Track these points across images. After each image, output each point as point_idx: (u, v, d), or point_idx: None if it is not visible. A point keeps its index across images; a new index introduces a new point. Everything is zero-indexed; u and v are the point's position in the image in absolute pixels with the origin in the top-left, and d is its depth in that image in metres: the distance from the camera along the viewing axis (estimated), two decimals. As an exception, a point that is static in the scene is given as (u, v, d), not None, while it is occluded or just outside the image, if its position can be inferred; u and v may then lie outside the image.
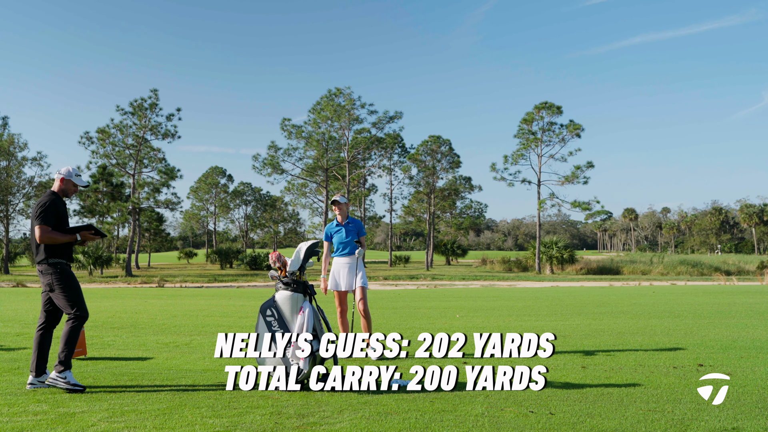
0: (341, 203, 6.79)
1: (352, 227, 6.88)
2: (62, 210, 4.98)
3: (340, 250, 6.85)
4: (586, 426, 3.82)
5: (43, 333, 4.96)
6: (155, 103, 52.72)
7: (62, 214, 4.97)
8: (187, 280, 46.82)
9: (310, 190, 65.52)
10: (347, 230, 6.86)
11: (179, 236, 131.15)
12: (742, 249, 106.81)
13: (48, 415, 3.95)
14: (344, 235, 6.83)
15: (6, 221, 53.74)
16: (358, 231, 6.90)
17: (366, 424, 3.79)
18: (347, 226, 6.89)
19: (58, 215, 4.91)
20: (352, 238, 6.83)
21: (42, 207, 4.86)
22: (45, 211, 4.85)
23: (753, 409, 4.31)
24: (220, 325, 10.59)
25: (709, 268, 54.25)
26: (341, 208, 6.81)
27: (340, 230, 6.87)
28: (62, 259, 4.93)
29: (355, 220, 6.95)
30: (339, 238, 6.85)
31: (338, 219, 6.89)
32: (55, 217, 4.89)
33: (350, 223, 6.91)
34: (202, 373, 5.78)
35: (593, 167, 53.83)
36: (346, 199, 6.87)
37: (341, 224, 6.88)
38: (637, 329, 9.64)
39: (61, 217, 4.95)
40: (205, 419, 3.89)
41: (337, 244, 6.86)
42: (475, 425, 3.81)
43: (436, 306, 16.20)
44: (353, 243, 6.85)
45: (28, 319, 11.49)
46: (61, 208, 4.98)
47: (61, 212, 4.95)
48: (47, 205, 4.89)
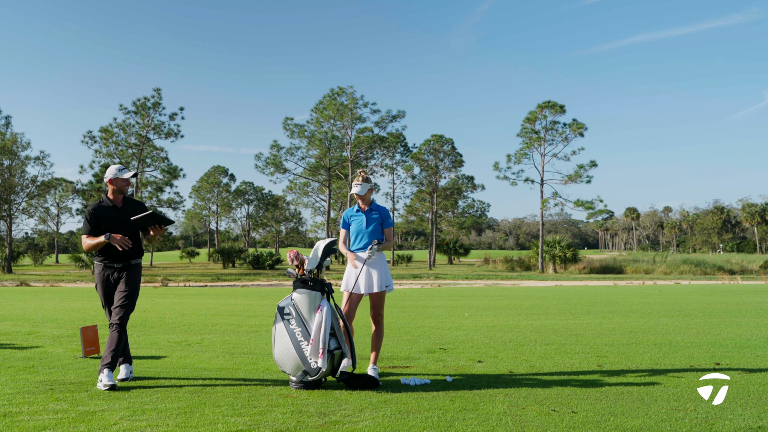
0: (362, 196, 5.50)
1: (376, 215, 5.52)
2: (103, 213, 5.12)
3: (357, 241, 5.48)
4: (610, 424, 3.79)
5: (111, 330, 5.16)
6: (158, 102, 52.76)
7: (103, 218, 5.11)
8: (191, 279, 46.82)
9: (313, 190, 65.61)
10: (369, 218, 5.48)
11: (181, 235, 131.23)
12: (744, 248, 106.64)
13: (68, 414, 3.92)
14: (364, 225, 5.46)
15: (9, 220, 53.79)
16: (382, 220, 5.55)
17: (389, 423, 3.76)
18: (369, 213, 5.51)
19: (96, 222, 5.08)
20: (374, 228, 5.47)
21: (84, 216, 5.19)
22: (84, 221, 5.16)
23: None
24: (230, 324, 10.58)
25: (713, 268, 54.18)
26: (364, 198, 5.52)
27: (360, 218, 5.50)
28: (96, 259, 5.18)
29: (381, 207, 5.61)
30: (357, 227, 5.49)
31: (360, 204, 5.54)
32: (92, 224, 5.08)
33: (374, 210, 5.54)
34: (218, 371, 5.77)
35: (596, 166, 53.89)
36: (370, 184, 5.54)
37: (363, 211, 5.53)
38: (649, 328, 9.61)
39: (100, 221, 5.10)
40: (226, 417, 3.86)
41: (355, 234, 5.51)
42: (499, 424, 3.78)
43: (443, 305, 16.17)
44: (375, 235, 5.48)
45: (37, 318, 11.49)
46: (103, 212, 5.13)
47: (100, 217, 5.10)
48: (86, 215, 5.15)
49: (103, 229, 5.07)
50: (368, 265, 5.40)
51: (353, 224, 5.53)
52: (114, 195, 5.21)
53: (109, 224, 5.08)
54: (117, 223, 5.13)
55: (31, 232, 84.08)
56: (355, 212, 5.54)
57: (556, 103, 53.85)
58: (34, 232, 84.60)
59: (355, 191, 5.46)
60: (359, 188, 5.45)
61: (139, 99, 52.49)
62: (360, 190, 5.45)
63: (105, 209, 5.15)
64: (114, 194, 5.21)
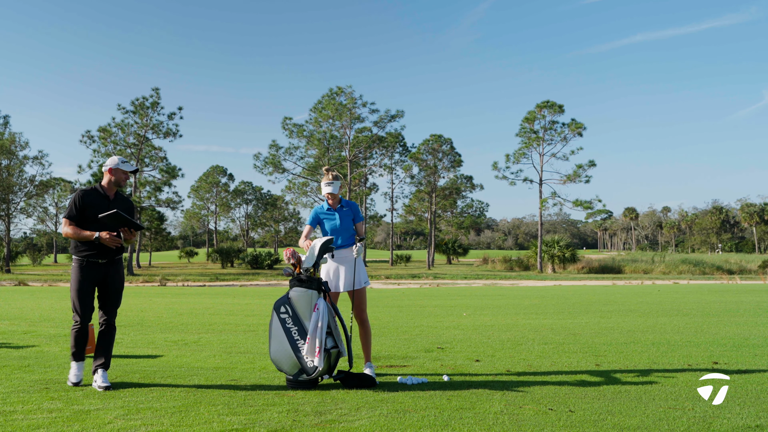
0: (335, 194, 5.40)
1: (347, 211, 5.45)
2: (91, 202, 4.81)
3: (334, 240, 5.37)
4: (607, 423, 3.78)
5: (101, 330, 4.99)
6: (157, 101, 52.67)
7: (90, 207, 4.80)
8: (189, 279, 46.78)
9: (311, 189, 65.46)
10: (342, 216, 5.40)
11: (180, 235, 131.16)
12: (743, 248, 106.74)
13: (63, 413, 3.90)
14: (338, 223, 5.37)
15: (7, 220, 53.70)
16: (354, 216, 5.48)
17: (385, 422, 3.74)
18: (341, 210, 5.43)
19: (82, 209, 4.78)
20: (348, 224, 5.42)
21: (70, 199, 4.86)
22: (68, 204, 4.85)
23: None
24: (228, 324, 10.56)
25: (711, 267, 54.21)
26: (335, 197, 5.43)
27: (333, 216, 5.39)
28: (79, 254, 4.82)
29: (351, 202, 5.55)
30: (331, 225, 5.38)
31: (330, 202, 5.44)
32: (78, 210, 4.77)
33: (344, 206, 5.46)
34: (214, 370, 5.74)
35: (595, 166, 53.89)
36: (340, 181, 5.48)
37: (334, 209, 5.43)
38: (647, 327, 9.59)
39: (87, 210, 4.79)
40: (221, 416, 3.84)
41: (330, 233, 5.39)
42: (496, 423, 3.76)
43: (442, 304, 16.15)
44: (350, 232, 5.43)
45: (34, 318, 11.46)
46: (93, 200, 4.82)
47: (87, 205, 4.79)
48: (72, 198, 4.83)
49: (87, 216, 4.80)
50: (348, 262, 5.34)
51: (326, 223, 5.43)
52: (109, 186, 4.96)
53: (94, 213, 4.80)
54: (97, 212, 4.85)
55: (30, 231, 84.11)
56: (326, 211, 5.44)
57: (555, 103, 53.90)
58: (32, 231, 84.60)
59: (329, 191, 5.35)
60: (332, 187, 5.35)
61: (137, 98, 52.43)
62: (333, 189, 5.35)
63: (96, 197, 4.88)
64: (109, 185, 4.96)
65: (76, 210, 4.78)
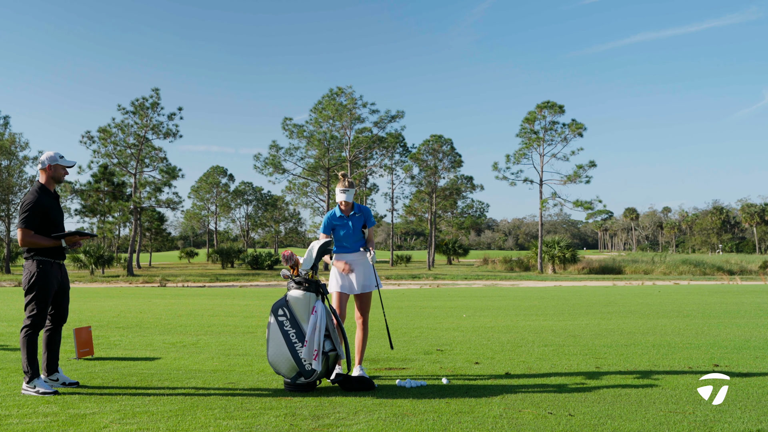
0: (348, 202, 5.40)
1: (359, 217, 5.46)
2: (48, 204, 4.65)
3: (346, 248, 5.43)
4: (607, 427, 3.74)
5: (50, 333, 4.89)
6: (157, 102, 52.62)
7: (49, 209, 4.65)
8: (189, 279, 46.75)
9: (312, 190, 65.45)
10: (355, 222, 5.41)
11: (180, 236, 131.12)
12: (743, 248, 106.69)
13: (58, 417, 3.87)
14: (351, 230, 5.38)
15: (7, 221, 53.70)
16: (366, 221, 5.49)
17: (383, 426, 3.71)
18: (354, 217, 5.42)
19: (43, 214, 4.60)
20: (360, 230, 5.47)
21: (25, 208, 4.54)
22: (28, 213, 4.54)
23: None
24: (226, 325, 10.52)
25: (712, 268, 54.12)
26: (348, 205, 5.43)
27: (346, 223, 5.39)
28: (44, 256, 4.64)
29: (363, 207, 5.53)
30: (345, 231, 5.39)
31: (342, 208, 5.42)
32: (39, 217, 4.58)
33: (357, 213, 5.45)
34: (212, 373, 5.71)
35: (595, 166, 53.84)
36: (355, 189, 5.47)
37: (346, 216, 5.42)
38: (648, 329, 9.56)
39: (48, 213, 4.63)
40: (218, 421, 3.81)
41: (343, 240, 5.42)
42: (495, 427, 3.73)
43: (442, 305, 16.12)
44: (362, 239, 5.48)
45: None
46: (48, 202, 4.65)
47: (47, 208, 4.63)
48: (31, 206, 4.55)
49: (51, 221, 4.63)
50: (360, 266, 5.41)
51: (339, 229, 5.41)
52: (48, 183, 4.72)
53: (54, 215, 4.66)
54: (59, 213, 4.75)
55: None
56: (338, 217, 5.42)
57: (555, 104, 53.83)
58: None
59: (343, 198, 5.34)
60: (346, 195, 5.34)
61: (137, 99, 52.35)
62: (348, 197, 5.34)
63: (49, 199, 4.66)
64: (48, 182, 4.72)
65: (39, 218, 4.59)
